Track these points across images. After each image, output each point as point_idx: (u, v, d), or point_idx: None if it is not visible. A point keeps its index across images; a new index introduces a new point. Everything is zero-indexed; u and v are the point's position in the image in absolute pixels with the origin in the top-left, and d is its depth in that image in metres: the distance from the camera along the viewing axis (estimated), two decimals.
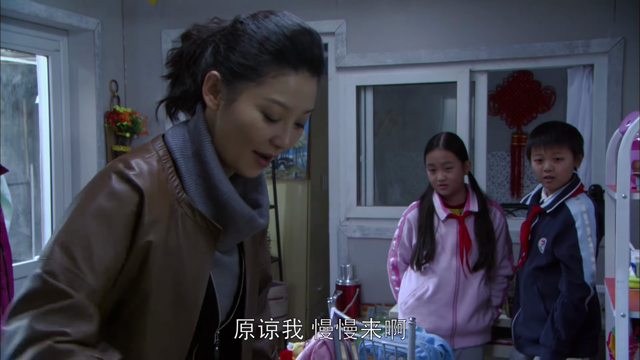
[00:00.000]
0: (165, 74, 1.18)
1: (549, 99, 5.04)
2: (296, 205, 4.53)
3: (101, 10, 3.55)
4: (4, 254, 2.49)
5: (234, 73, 1.05)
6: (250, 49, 1.04)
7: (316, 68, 1.08)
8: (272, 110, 1.05)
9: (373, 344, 2.30)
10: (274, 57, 1.04)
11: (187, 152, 1.09)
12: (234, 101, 1.06)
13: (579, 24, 3.18)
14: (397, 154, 4.92)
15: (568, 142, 2.42)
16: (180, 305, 1.06)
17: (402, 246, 2.79)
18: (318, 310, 4.55)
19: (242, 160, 1.09)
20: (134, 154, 1.08)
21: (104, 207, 0.99)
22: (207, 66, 1.08)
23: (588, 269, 2.31)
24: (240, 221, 1.10)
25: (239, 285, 1.19)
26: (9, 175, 2.73)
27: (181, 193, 1.07)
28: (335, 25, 3.53)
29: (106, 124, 3.54)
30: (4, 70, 3.26)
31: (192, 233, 1.06)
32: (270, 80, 1.04)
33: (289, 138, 1.09)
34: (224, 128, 1.08)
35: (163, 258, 1.03)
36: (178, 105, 1.16)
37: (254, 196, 1.19)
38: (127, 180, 1.02)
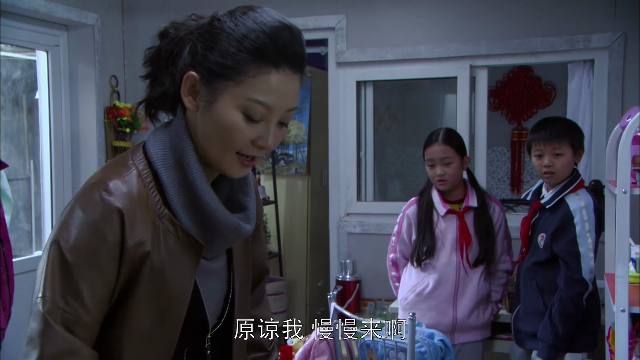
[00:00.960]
0: (143, 74, 1.14)
1: (549, 95, 5.04)
2: (296, 201, 4.53)
3: (101, 5, 3.54)
4: (4, 249, 2.49)
5: (213, 73, 1.01)
6: (228, 47, 1.00)
7: (298, 65, 1.04)
8: (254, 111, 1.02)
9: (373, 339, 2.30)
10: (253, 56, 1.00)
11: (169, 161, 1.06)
12: (213, 102, 1.02)
13: (579, 19, 3.18)
14: (397, 150, 4.92)
15: (568, 137, 2.42)
16: (162, 321, 1.06)
17: (402, 242, 2.79)
18: (318, 306, 4.56)
19: (225, 162, 1.06)
20: (112, 172, 1.05)
21: (87, 243, 0.99)
22: (185, 66, 1.04)
23: (586, 264, 2.32)
24: (225, 230, 1.08)
25: (229, 287, 1.19)
26: (9, 171, 2.73)
27: (162, 209, 1.05)
28: (335, 20, 3.52)
29: (106, 120, 3.54)
30: (4, 65, 3.25)
31: (174, 248, 1.05)
32: (250, 79, 1.00)
33: (272, 138, 1.05)
34: (205, 130, 1.05)
35: (147, 276, 1.03)
36: (157, 106, 1.13)
37: (240, 197, 1.16)
38: (107, 208, 1.00)
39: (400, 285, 2.82)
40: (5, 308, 2.50)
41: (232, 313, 1.19)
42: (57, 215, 3.44)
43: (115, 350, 1.03)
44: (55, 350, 0.96)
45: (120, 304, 1.03)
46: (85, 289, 0.98)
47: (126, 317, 1.03)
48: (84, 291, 0.98)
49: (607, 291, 2.10)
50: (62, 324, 0.97)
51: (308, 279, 4.52)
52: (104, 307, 1.01)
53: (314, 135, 4.49)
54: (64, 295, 0.97)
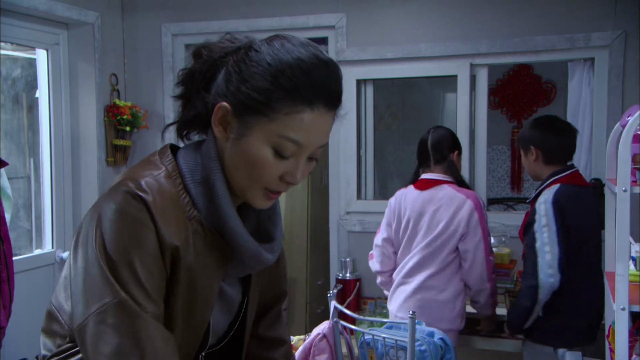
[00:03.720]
0: (176, 94, 1.11)
1: (549, 93, 5.04)
2: (296, 199, 4.53)
3: (101, 3, 3.54)
4: (5, 247, 2.49)
5: (245, 106, 0.99)
6: (263, 82, 0.98)
7: (333, 103, 1.01)
8: (285, 147, 1.00)
9: (373, 337, 2.31)
10: (288, 93, 0.97)
11: (197, 177, 1.05)
12: (244, 136, 1.00)
13: (579, 18, 3.17)
14: (397, 148, 4.92)
15: (522, 141, 2.68)
16: (189, 322, 1.05)
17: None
18: (318, 304, 4.56)
19: (250, 194, 1.05)
20: (143, 170, 1.04)
21: (133, 234, 0.96)
22: (217, 95, 1.02)
23: (542, 258, 2.42)
24: (245, 256, 1.07)
25: (238, 313, 1.18)
26: (9, 169, 2.73)
27: (192, 210, 1.03)
28: (335, 18, 3.52)
29: (106, 118, 3.54)
30: (4, 63, 3.25)
31: (202, 250, 1.04)
32: (283, 117, 0.98)
33: (301, 174, 1.03)
34: (233, 161, 1.03)
35: (180, 278, 1.02)
36: (190, 127, 1.11)
37: (268, 227, 1.14)
38: (140, 202, 0.98)
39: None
40: (5, 306, 2.50)
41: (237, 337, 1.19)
42: (57, 214, 3.44)
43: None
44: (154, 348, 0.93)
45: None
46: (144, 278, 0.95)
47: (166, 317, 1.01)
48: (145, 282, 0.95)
49: (607, 289, 2.10)
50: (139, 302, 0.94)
51: (308, 277, 4.52)
52: (163, 295, 0.99)
53: None
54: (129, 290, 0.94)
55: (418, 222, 2.71)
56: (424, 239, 2.68)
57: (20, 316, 2.76)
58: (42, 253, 3.36)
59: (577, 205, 2.49)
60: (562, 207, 2.44)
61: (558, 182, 2.53)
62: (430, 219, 2.67)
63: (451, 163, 2.74)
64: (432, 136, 2.77)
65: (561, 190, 2.50)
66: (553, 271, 2.41)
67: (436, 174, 2.75)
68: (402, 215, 2.76)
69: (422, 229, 2.69)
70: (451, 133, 2.82)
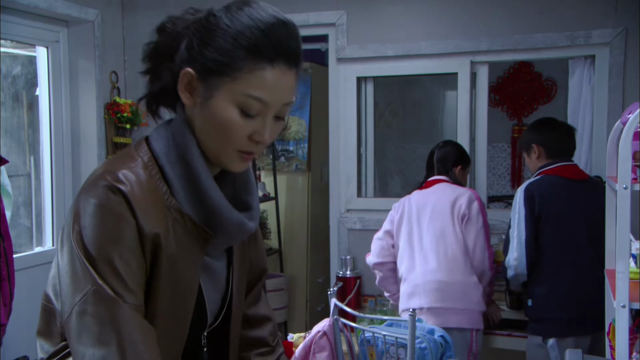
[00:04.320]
0: (143, 70, 1.14)
1: (549, 91, 5.03)
2: (296, 197, 4.53)
3: (101, 1, 3.53)
4: (5, 244, 2.49)
5: (209, 69, 1.02)
6: (224, 44, 1.01)
7: (293, 61, 1.05)
8: (250, 106, 1.02)
9: (373, 334, 2.31)
10: (249, 52, 1.00)
11: (172, 157, 1.07)
12: (210, 98, 1.03)
13: (580, 15, 3.17)
14: (398, 146, 4.92)
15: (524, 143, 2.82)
16: (174, 311, 1.06)
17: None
18: (318, 302, 4.56)
19: (223, 157, 1.07)
20: (119, 163, 1.06)
21: (106, 226, 0.98)
22: (182, 62, 1.05)
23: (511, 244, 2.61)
24: (229, 227, 1.09)
25: (227, 287, 1.19)
26: (9, 167, 2.73)
27: (170, 199, 1.05)
28: (335, 16, 3.52)
29: (106, 116, 3.54)
30: (4, 61, 3.25)
31: (183, 238, 1.06)
32: (245, 75, 1.01)
33: (269, 133, 1.06)
34: (202, 126, 1.06)
35: (162, 267, 1.03)
36: (158, 101, 1.13)
37: (243, 197, 1.17)
38: (118, 194, 0.99)
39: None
40: (6, 304, 2.50)
41: (230, 314, 1.20)
42: (57, 211, 3.44)
43: None
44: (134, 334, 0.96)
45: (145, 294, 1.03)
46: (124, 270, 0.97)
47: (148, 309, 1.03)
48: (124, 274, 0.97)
49: (608, 287, 2.10)
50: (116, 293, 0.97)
51: (308, 275, 4.53)
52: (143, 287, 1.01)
53: (315, 131, 4.49)
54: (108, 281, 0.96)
55: (420, 214, 2.81)
56: (430, 226, 2.77)
57: (20, 314, 2.76)
58: (42, 251, 3.37)
59: (547, 193, 2.61)
60: (532, 195, 2.60)
61: (542, 174, 2.70)
62: (433, 205, 2.80)
63: (453, 175, 2.92)
64: (438, 152, 2.95)
65: (536, 180, 2.67)
66: (519, 255, 2.58)
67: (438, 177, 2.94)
68: (405, 210, 2.87)
69: (426, 218, 2.79)
70: (457, 149, 2.98)
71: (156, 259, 1.03)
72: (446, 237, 2.72)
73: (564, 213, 2.62)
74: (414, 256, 2.77)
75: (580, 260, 2.60)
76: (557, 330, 2.58)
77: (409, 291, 2.74)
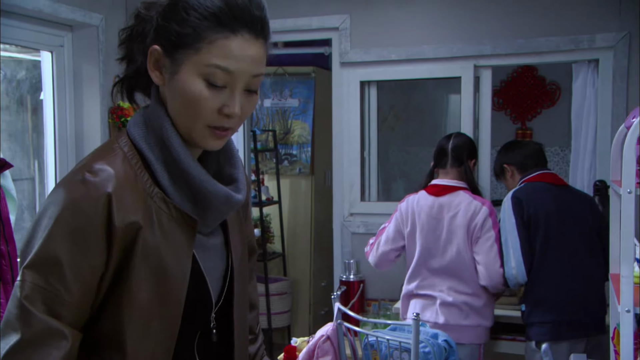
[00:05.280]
0: (118, 56, 1.16)
1: (553, 94, 5.03)
2: (300, 201, 4.54)
3: (105, 5, 3.55)
4: (9, 249, 2.50)
5: (173, 43, 1.03)
6: (185, 16, 1.02)
7: (258, 30, 1.04)
8: (215, 77, 1.02)
9: (377, 339, 2.30)
10: (210, 22, 1.01)
11: (151, 141, 1.07)
12: (176, 73, 1.04)
13: (584, 19, 3.17)
14: (401, 150, 4.91)
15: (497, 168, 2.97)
16: (163, 301, 1.05)
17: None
18: (322, 306, 4.56)
19: (196, 135, 1.06)
20: (98, 156, 1.06)
21: (71, 226, 0.98)
22: (152, 42, 1.06)
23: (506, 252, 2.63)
24: (216, 201, 1.09)
25: (227, 265, 1.19)
26: (13, 171, 2.73)
27: (152, 187, 1.05)
28: (339, 20, 3.52)
29: (110, 120, 3.55)
30: (9, 65, 3.26)
31: (168, 227, 1.05)
32: (207, 45, 1.01)
33: (239, 106, 1.05)
34: (173, 103, 1.06)
35: (141, 255, 1.02)
36: (133, 85, 1.15)
37: (228, 170, 1.17)
38: (91, 189, 0.99)
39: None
40: None
41: (232, 290, 1.19)
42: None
43: (117, 333, 1.02)
44: (33, 333, 0.96)
45: (117, 286, 1.02)
46: (67, 269, 0.97)
47: (124, 300, 1.02)
48: (66, 272, 0.97)
49: (612, 291, 2.10)
50: (43, 303, 0.97)
51: (312, 279, 4.52)
52: (90, 290, 1.00)
53: (318, 135, 4.50)
54: (45, 274, 0.97)
55: (435, 228, 2.70)
56: (447, 245, 2.68)
57: None
58: None
59: (534, 198, 2.66)
60: (519, 201, 2.65)
61: (525, 182, 2.77)
62: (448, 224, 2.68)
63: (468, 168, 2.78)
64: (453, 140, 2.82)
65: (521, 188, 2.73)
66: (516, 263, 2.59)
67: (450, 180, 2.76)
68: (417, 220, 2.75)
69: (442, 235, 2.69)
70: (472, 141, 2.88)
71: (133, 250, 1.01)
72: (460, 262, 2.67)
73: (552, 216, 2.64)
74: (427, 277, 2.73)
75: (572, 263, 2.62)
76: (549, 334, 2.58)
77: (420, 306, 2.73)
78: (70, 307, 0.98)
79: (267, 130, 4.45)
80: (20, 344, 0.96)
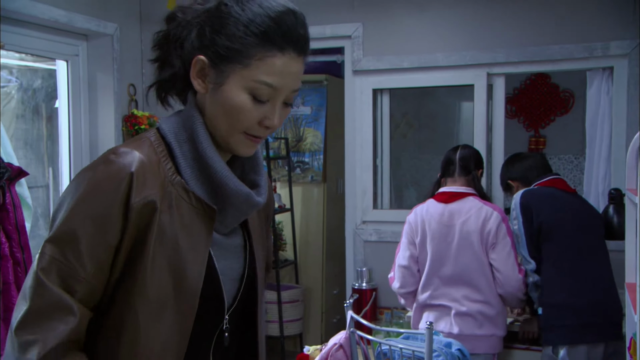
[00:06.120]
0: (152, 58, 1.18)
1: (567, 102, 5.00)
2: (312, 208, 4.53)
3: (120, 15, 3.58)
4: (24, 256, 2.52)
5: (221, 56, 1.06)
6: (235, 31, 1.05)
7: (302, 48, 1.08)
8: (260, 92, 1.06)
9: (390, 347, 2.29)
10: (260, 39, 1.04)
11: (181, 137, 1.10)
12: (222, 84, 1.07)
13: (597, 26, 3.15)
14: (413, 157, 4.91)
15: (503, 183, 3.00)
16: (178, 291, 1.05)
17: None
18: (334, 314, 4.54)
19: (232, 141, 1.10)
20: (126, 143, 1.10)
21: (92, 204, 1.02)
22: (194, 49, 1.09)
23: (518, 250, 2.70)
24: (236, 200, 1.11)
25: (244, 267, 1.19)
26: (28, 179, 2.76)
27: (175, 176, 1.08)
28: (351, 28, 3.53)
29: (124, 128, 3.57)
30: (25, 74, 3.30)
31: (188, 215, 1.07)
32: (256, 62, 1.05)
33: (278, 118, 1.10)
34: (213, 111, 1.09)
35: (157, 239, 1.04)
36: (168, 88, 1.17)
37: (251, 177, 1.19)
38: (115, 168, 1.03)
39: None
40: None
41: (248, 292, 1.19)
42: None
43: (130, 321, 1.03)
44: (42, 304, 0.99)
45: (130, 269, 1.04)
46: (84, 246, 1.01)
47: (137, 285, 1.03)
48: (83, 248, 1.00)
49: (628, 301, 2.07)
50: (58, 276, 1.00)
51: (324, 286, 4.51)
52: (104, 268, 1.03)
53: (330, 142, 4.50)
54: (63, 249, 1.00)
55: (447, 235, 2.68)
56: (459, 251, 2.66)
57: None
58: None
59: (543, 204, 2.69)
60: (528, 207, 2.68)
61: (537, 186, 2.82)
62: (460, 230, 2.66)
63: (475, 177, 2.77)
64: (460, 151, 2.81)
65: (529, 191, 2.75)
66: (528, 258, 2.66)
67: (459, 187, 2.75)
68: (427, 229, 2.72)
69: (454, 242, 2.67)
70: (478, 152, 2.88)
71: (148, 232, 1.03)
72: (473, 269, 2.64)
73: (568, 222, 2.65)
74: (439, 286, 2.70)
75: (590, 268, 2.61)
76: (568, 337, 2.56)
77: (433, 317, 2.71)
78: (83, 282, 1.01)
79: (280, 138, 4.47)
80: (27, 313, 0.99)
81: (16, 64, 3.41)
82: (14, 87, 3.43)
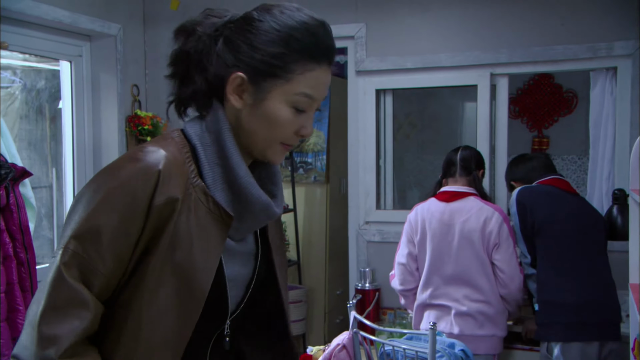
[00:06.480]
0: (169, 74, 1.18)
1: (570, 102, 4.99)
2: (315, 209, 4.53)
3: (123, 15, 3.59)
4: (29, 256, 2.52)
5: (261, 72, 1.08)
6: (276, 48, 1.07)
7: (332, 58, 1.13)
8: (301, 104, 1.10)
9: (393, 348, 2.29)
10: (300, 55, 1.08)
11: (206, 141, 1.11)
12: (263, 100, 1.09)
13: (601, 26, 3.15)
14: (417, 157, 4.90)
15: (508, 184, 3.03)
16: (185, 292, 1.06)
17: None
18: (337, 314, 4.54)
19: (270, 152, 1.13)
20: (152, 141, 1.11)
21: (119, 201, 1.02)
22: (226, 65, 1.09)
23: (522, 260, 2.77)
24: (256, 207, 1.11)
25: (253, 274, 1.19)
26: (32, 179, 2.76)
27: (196, 179, 1.08)
28: (354, 29, 3.53)
29: (127, 128, 3.58)
30: (28, 75, 3.31)
31: (204, 219, 1.07)
32: (298, 76, 1.08)
33: (311, 126, 1.14)
34: (252, 125, 1.10)
35: (170, 240, 1.04)
36: (188, 104, 1.17)
37: (269, 187, 1.20)
38: (145, 167, 1.03)
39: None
40: None
41: (255, 300, 1.19)
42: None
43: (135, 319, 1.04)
44: (59, 300, 1.00)
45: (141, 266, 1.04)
46: (107, 242, 1.01)
47: (144, 283, 1.03)
48: (105, 242, 1.01)
49: (632, 301, 2.07)
50: (79, 270, 1.01)
51: (327, 287, 4.51)
52: (122, 265, 1.03)
53: (333, 143, 4.50)
54: (85, 244, 1.01)
55: (447, 234, 2.69)
56: (460, 251, 2.66)
57: None
58: None
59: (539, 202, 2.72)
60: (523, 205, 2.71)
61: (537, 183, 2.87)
62: (460, 229, 2.66)
63: (476, 177, 2.79)
64: (461, 152, 2.83)
65: (526, 189, 2.78)
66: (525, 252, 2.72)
67: (460, 186, 2.76)
68: (427, 228, 2.73)
69: (454, 241, 2.67)
70: (479, 153, 2.89)
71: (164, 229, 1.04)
72: (474, 268, 2.65)
73: (567, 220, 2.67)
74: (439, 286, 2.71)
75: (588, 267, 2.62)
76: (562, 334, 2.57)
77: (434, 317, 2.72)
78: (102, 278, 1.02)
79: None
80: (46, 307, 1.00)
81: (20, 65, 3.42)
82: (17, 87, 3.43)
